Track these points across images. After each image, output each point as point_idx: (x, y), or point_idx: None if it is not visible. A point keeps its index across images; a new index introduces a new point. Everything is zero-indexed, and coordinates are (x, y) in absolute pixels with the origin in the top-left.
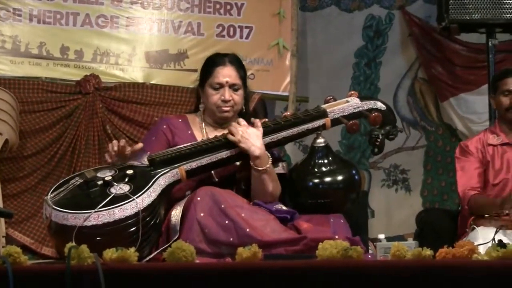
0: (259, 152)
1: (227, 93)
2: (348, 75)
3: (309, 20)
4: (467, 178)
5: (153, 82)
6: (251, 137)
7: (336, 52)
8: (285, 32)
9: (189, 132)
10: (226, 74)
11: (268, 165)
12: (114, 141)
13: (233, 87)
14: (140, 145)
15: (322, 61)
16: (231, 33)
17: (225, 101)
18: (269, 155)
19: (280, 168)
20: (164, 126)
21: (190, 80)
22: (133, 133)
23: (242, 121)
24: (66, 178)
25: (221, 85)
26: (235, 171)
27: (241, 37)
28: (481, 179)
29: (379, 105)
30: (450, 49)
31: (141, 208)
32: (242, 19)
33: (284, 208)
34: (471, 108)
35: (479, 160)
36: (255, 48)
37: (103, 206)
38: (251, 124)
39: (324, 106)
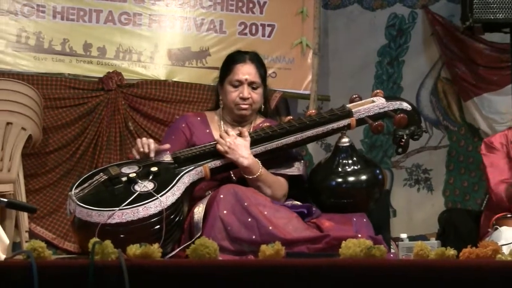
0: (247, 163)
1: (246, 91)
2: (370, 73)
3: (332, 18)
4: (498, 172)
5: (175, 79)
6: (238, 148)
7: (358, 51)
8: (307, 30)
9: (207, 131)
10: (246, 71)
11: (258, 173)
12: (149, 140)
13: (252, 85)
14: (167, 146)
15: (344, 60)
16: (253, 31)
17: (243, 99)
18: (259, 161)
19: (295, 170)
20: (183, 125)
21: (212, 77)
22: (154, 131)
23: (230, 131)
24: (90, 173)
25: (240, 83)
26: None
27: (263, 35)
28: (511, 173)
29: (405, 105)
30: (473, 48)
31: (165, 207)
32: (265, 17)
33: (299, 203)
34: (494, 108)
35: (505, 155)
36: (277, 47)
37: (127, 204)
38: (239, 134)
39: (349, 105)
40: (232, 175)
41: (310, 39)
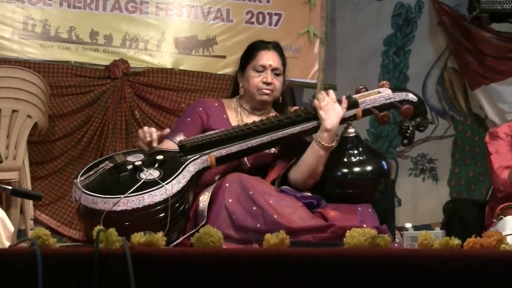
0: (331, 127)
1: (269, 76)
2: (377, 63)
3: (339, 7)
4: (502, 158)
5: (181, 68)
6: (333, 110)
7: (365, 40)
8: (314, 19)
9: (224, 116)
10: (270, 58)
11: (331, 145)
12: (151, 129)
13: (275, 71)
14: (167, 130)
15: (350, 49)
16: (260, 20)
17: (267, 84)
18: (337, 138)
19: None
20: (200, 109)
21: (218, 66)
22: (160, 119)
23: (331, 93)
24: (95, 161)
25: (264, 68)
26: (269, 158)
27: (270, 24)
28: None
29: (411, 96)
30: (480, 37)
31: (171, 195)
32: (272, 6)
33: (310, 195)
34: (502, 97)
35: (509, 144)
36: (283, 36)
37: (132, 192)
38: (339, 102)
39: (355, 96)
40: (246, 161)
41: (317, 28)
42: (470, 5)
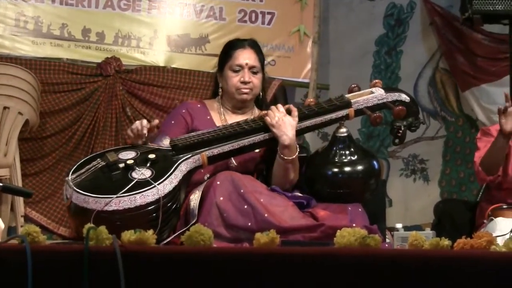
0: (289, 142)
1: (247, 75)
2: (369, 63)
3: (331, 7)
4: (484, 151)
5: (174, 66)
6: (285, 125)
7: (357, 40)
8: (307, 18)
9: (208, 117)
10: (246, 56)
11: (294, 156)
12: (141, 121)
13: (252, 69)
14: (156, 121)
15: (343, 49)
16: (253, 18)
17: (244, 83)
18: (297, 145)
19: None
20: (183, 111)
21: (210, 64)
22: (153, 116)
23: (280, 107)
24: (87, 158)
25: (241, 67)
26: (255, 157)
27: (262, 23)
28: None
29: (403, 97)
30: (472, 38)
31: (162, 195)
32: (264, 4)
33: (300, 195)
34: (492, 99)
35: None
36: (276, 34)
37: (124, 192)
38: (288, 111)
39: (348, 96)
40: (233, 160)
41: (309, 27)
42: (462, 6)
